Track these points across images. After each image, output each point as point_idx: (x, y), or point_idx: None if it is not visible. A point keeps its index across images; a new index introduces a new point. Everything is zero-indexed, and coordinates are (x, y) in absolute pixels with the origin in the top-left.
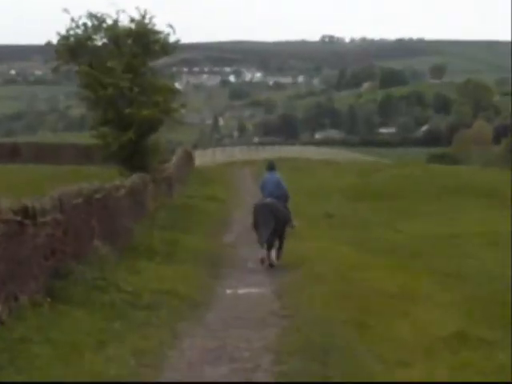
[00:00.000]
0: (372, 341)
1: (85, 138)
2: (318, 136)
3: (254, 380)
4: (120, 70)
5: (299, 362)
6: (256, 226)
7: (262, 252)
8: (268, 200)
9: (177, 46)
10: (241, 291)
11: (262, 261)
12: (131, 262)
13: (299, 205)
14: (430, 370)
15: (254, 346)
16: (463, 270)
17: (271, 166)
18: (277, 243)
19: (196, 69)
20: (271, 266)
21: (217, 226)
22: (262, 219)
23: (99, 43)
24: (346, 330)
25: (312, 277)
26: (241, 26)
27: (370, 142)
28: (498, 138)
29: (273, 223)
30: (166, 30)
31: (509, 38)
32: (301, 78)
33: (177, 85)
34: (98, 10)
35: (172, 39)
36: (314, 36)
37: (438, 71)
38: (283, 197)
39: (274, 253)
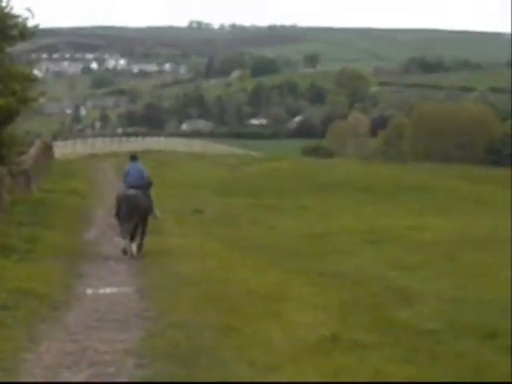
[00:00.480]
0: (240, 345)
1: None
2: (185, 127)
3: None
4: None
5: (163, 365)
6: (118, 217)
7: (124, 243)
8: (131, 191)
9: (36, 31)
10: (102, 291)
11: (125, 252)
12: None
13: (165, 200)
14: (300, 375)
15: (115, 349)
16: (338, 270)
17: (134, 157)
18: (138, 235)
19: (56, 55)
20: (132, 256)
21: (78, 222)
22: (124, 211)
23: None
24: (212, 334)
25: (177, 276)
26: (104, 11)
27: (240, 134)
28: (374, 130)
29: (136, 216)
30: (25, 14)
31: (383, 25)
32: (167, 66)
33: (36, 72)
34: None
35: (31, 24)
36: (181, 21)
37: (312, 60)
38: (145, 186)
39: (134, 245)
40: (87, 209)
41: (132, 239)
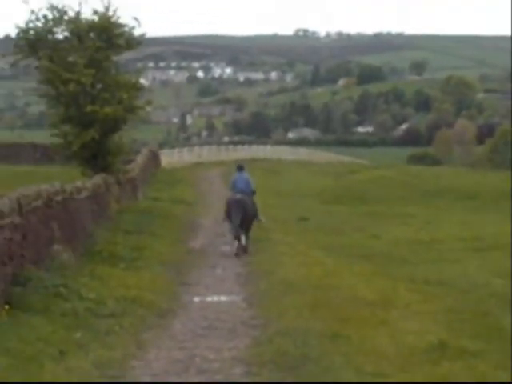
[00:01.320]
0: (348, 352)
1: (45, 136)
2: (291, 135)
3: None
4: (82, 64)
5: (271, 373)
6: (229, 218)
7: (236, 246)
8: (238, 196)
9: (142, 40)
10: (209, 299)
11: (237, 254)
12: (94, 267)
13: (271, 208)
14: (409, 382)
15: (223, 357)
16: (444, 277)
17: (240, 167)
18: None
19: (162, 64)
20: (244, 249)
21: (184, 231)
22: (234, 213)
23: (60, 37)
24: (320, 341)
25: (285, 284)
26: (210, 20)
27: (347, 142)
28: (481, 137)
29: (241, 216)
30: (131, 23)
31: (491, 32)
32: (273, 74)
33: (142, 81)
34: (60, 1)
35: (137, 33)
36: (287, 30)
37: (418, 67)
38: (251, 193)
39: (244, 238)
40: (193, 217)
41: (239, 238)
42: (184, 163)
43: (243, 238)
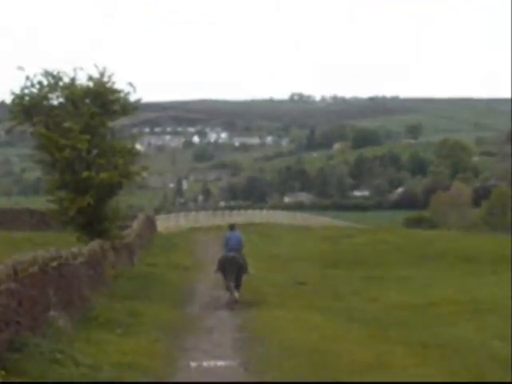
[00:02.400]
0: None
1: (41, 202)
2: (287, 199)
3: None
4: (77, 130)
5: None
6: (223, 274)
7: (229, 297)
8: (231, 254)
9: (138, 106)
10: (206, 364)
11: (229, 306)
12: (90, 333)
13: (268, 272)
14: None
15: None
16: (442, 341)
17: (232, 226)
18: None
19: (158, 129)
20: (236, 302)
21: (180, 296)
22: (228, 270)
23: (55, 103)
24: None
25: (282, 348)
26: (205, 85)
27: (343, 206)
28: (477, 200)
29: (235, 272)
30: (126, 88)
31: (485, 95)
32: (269, 139)
33: (138, 146)
34: (55, 67)
35: (132, 98)
36: (282, 94)
37: (414, 131)
38: (241, 250)
39: (237, 293)
40: (190, 282)
41: (235, 287)
42: (180, 228)
43: (236, 294)
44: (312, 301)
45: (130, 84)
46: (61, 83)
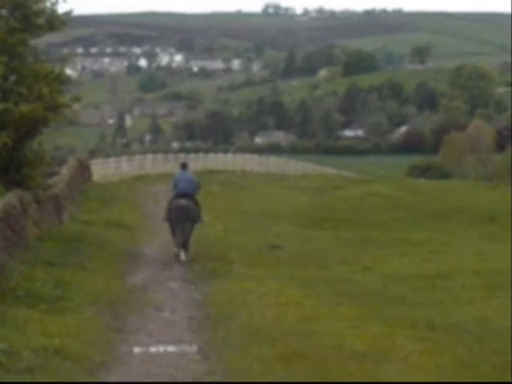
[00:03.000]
0: None
1: None
2: (259, 140)
3: None
4: None
5: None
6: (171, 225)
7: (176, 250)
8: (183, 202)
9: (68, 20)
10: (154, 349)
11: (177, 255)
12: (6, 310)
13: (235, 233)
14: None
15: None
16: (454, 322)
17: (184, 165)
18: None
19: (95, 50)
20: (182, 262)
21: (122, 263)
22: (176, 221)
23: None
24: None
25: (250, 330)
26: None
27: (330, 149)
28: (501, 142)
29: (187, 224)
30: None
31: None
32: (236, 63)
33: (68, 71)
34: None
35: (61, 10)
36: (253, 6)
37: (421, 54)
38: (194, 193)
39: (183, 253)
40: (134, 245)
41: (182, 246)
42: (122, 176)
43: (182, 255)
44: (289, 270)
45: None
46: None
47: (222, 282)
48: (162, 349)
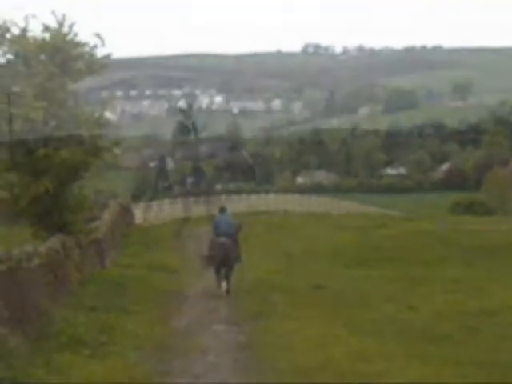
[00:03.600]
0: None
1: None
2: (300, 180)
3: None
4: (31, 96)
5: None
6: (213, 262)
7: (221, 289)
8: (222, 239)
9: (107, 63)
10: None
11: (228, 291)
12: (50, 356)
13: (277, 274)
14: None
15: None
16: (500, 359)
17: (223, 209)
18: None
19: (134, 93)
20: (228, 292)
21: (166, 305)
22: (218, 258)
23: (2, 60)
24: None
25: (296, 372)
26: (194, 36)
27: (373, 187)
28: None
29: (227, 262)
30: (93, 41)
31: None
32: (276, 103)
33: (108, 115)
34: (0, 16)
35: (100, 54)
36: (293, 46)
37: (462, 90)
38: (234, 234)
39: (225, 284)
40: (177, 287)
41: (223, 280)
42: (165, 219)
43: (224, 284)
44: (334, 310)
45: (98, 35)
46: (8, 35)
47: (266, 324)
48: None
